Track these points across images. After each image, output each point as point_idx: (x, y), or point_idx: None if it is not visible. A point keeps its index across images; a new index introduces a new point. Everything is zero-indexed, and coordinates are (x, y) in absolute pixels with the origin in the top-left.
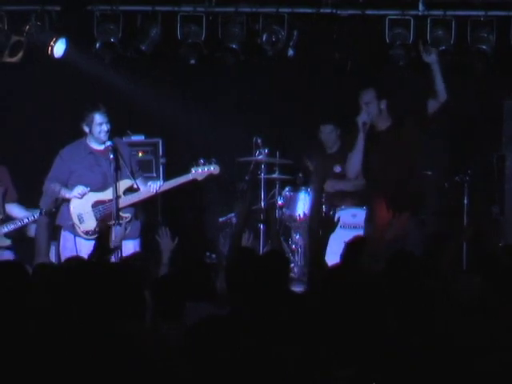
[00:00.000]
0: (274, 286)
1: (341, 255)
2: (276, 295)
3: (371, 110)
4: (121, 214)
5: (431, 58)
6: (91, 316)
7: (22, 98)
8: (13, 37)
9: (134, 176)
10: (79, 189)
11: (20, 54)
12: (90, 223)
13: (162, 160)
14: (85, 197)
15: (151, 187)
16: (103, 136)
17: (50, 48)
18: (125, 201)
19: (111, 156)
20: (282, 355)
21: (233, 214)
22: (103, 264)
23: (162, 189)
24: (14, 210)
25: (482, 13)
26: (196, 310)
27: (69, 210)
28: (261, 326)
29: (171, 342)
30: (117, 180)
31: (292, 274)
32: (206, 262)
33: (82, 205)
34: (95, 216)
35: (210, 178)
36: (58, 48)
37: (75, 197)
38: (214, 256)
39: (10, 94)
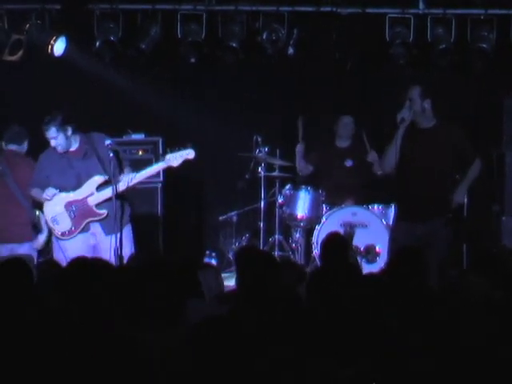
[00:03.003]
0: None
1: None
2: (276, 294)
3: (414, 108)
4: (96, 210)
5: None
6: (92, 316)
7: (21, 96)
8: (13, 35)
9: (106, 171)
10: (48, 191)
11: (20, 53)
12: (65, 224)
13: (162, 158)
14: (56, 199)
15: (123, 181)
16: (60, 149)
17: (50, 47)
18: (98, 197)
19: (111, 155)
20: (282, 355)
21: (233, 213)
22: (104, 265)
23: (136, 180)
24: None
25: (482, 11)
26: (196, 309)
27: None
28: (261, 326)
29: (171, 342)
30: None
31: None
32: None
33: (54, 207)
34: (69, 216)
35: (186, 163)
36: (58, 46)
37: (45, 199)
38: (214, 254)
39: (10, 92)
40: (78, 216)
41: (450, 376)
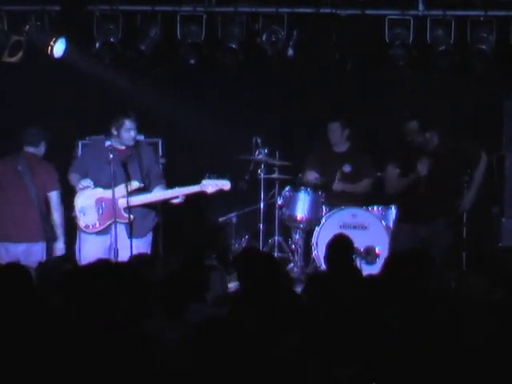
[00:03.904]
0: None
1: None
2: (276, 295)
3: (417, 139)
4: (122, 213)
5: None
6: (91, 317)
7: (21, 97)
8: (12, 37)
9: (143, 180)
10: (84, 182)
11: (20, 54)
12: (91, 218)
13: (161, 160)
14: (90, 192)
15: (155, 193)
16: (130, 141)
17: (49, 48)
18: (126, 202)
19: (111, 156)
20: (282, 355)
21: (233, 214)
22: (103, 266)
23: (167, 196)
24: None
25: (481, 13)
26: (197, 310)
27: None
28: (261, 326)
29: (172, 342)
30: (115, 179)
31: (292, 274)
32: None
33: (85, 198)
34: (97, 212)
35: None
36: (58, 48)
37: (79, 188)
38: (213, 256)
39: (10, 93)
40: (105, 214)
41: (451, 376)
